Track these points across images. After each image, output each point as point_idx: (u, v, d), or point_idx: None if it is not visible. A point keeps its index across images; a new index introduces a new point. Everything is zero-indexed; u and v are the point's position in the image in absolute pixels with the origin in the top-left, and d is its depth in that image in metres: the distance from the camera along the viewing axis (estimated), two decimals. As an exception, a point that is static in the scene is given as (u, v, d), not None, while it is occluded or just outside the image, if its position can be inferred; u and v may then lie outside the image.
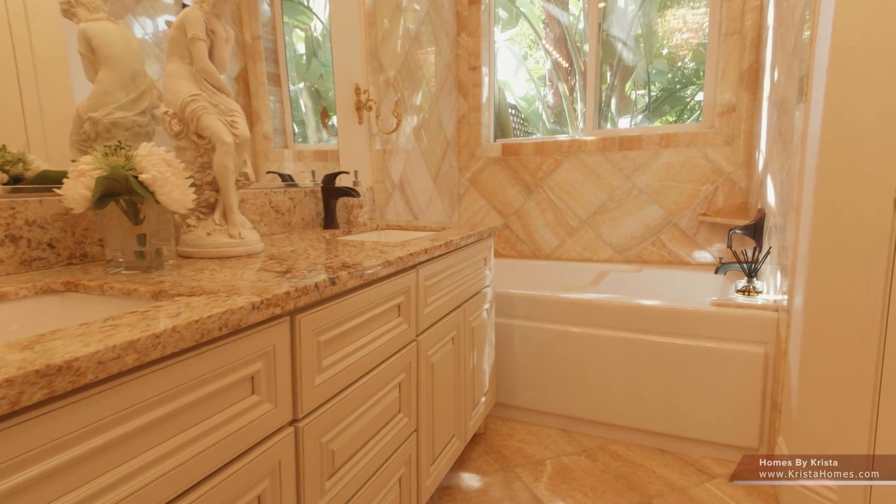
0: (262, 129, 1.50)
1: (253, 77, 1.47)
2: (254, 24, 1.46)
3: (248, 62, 1.44)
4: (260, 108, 1.50)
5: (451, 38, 2.70)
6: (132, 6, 1.14)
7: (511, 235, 2.84)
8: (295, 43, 1.69)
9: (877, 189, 1.14)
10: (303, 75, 1.70)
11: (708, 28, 2.39)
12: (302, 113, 1.70)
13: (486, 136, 2.88)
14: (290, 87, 1.63)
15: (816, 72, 1.29)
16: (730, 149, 2.30)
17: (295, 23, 1.67)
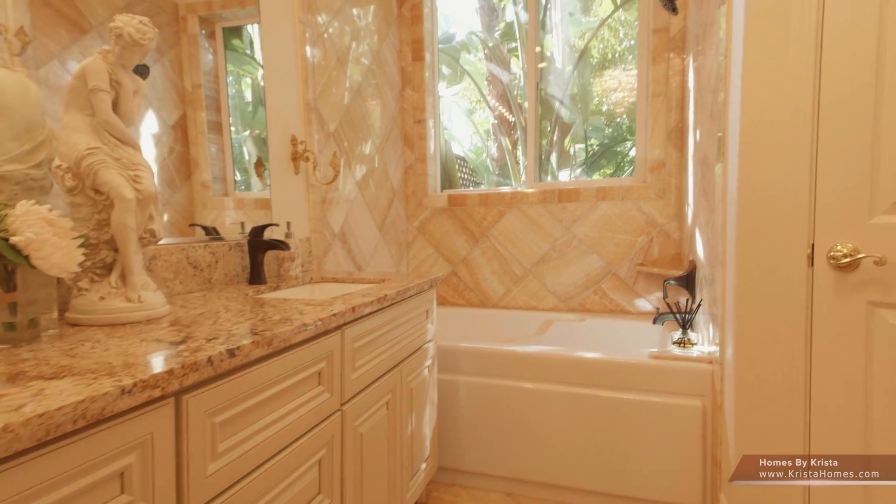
0: (200, 178, 1.48)
1: (192, 125, 1.45)
2: (195, 72, 1.46)
3: (187, 110, 1.43)
4: (199, 155, 1.47)
5: (396, 92, 2.74)
6: (59, 52, 1.08)
7: (459, 283, 2.81)
8: (243, 90, 1.67)
9: (791, 246, 1.19)
10: (249, 123, 1.68)
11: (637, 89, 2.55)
12: (245, 160, 1.67)
13: (433, 187, 2.89)
14: (232, 134, 1.61)
15: (731, 134, 1.37)
16: (662, 202, 2.40)
17: (241, 72, 1.66)
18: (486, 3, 3.35)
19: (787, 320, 1.21)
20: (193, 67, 1.45)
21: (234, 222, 1.59)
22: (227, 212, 1.59)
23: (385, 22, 2.58)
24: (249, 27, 1.66)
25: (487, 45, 3.44)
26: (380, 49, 2.52)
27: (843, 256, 1.09)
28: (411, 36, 2.75)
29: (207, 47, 1.53)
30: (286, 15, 1.77)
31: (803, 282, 1.18)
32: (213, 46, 1.56)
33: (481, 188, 3.22)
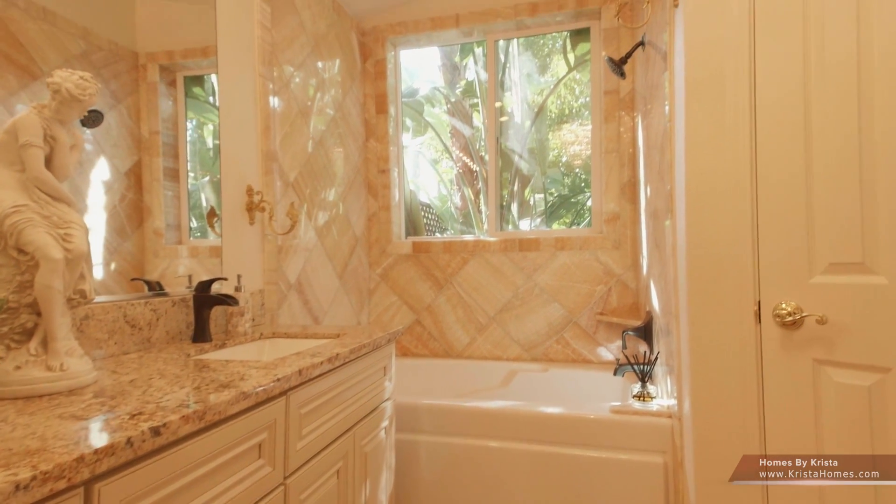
0: (153, 225, 1.43)
1: (147, 171, 1.43)
2: (153, 119, 1.45)
3: (143, 156, 1.41)
4: (153, 202, 1.44)
5: (360, 143, 2.77)
6: (5, 98, 1.03)
7: (423, 332, 2.76)
8: (205, 137, 1.65)
9: (739, 302, 1.22)
10: (209, 168, 1.65)
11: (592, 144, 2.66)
12: (203, 207, 1.63)
13: (397, 234, 2.88)
14: (191, 181, 1.58)
15: (677, 191, 1.43)
16: (618, 252, 2.46)
17: (202, 119, 1.65)
18: (449, 61, 3.49)
19: (740, 376, 1.22)
20: (152, 114, 1.45)
21: (180, 275, 1.52)
22: (181, 260, 1.54)
23: (349, 76, 2.63)
24: (213, 76, 1.66)
25: (450, 99, 3.55)
26: (343, 101, 2.56)
27: (788, 315, 1.12)
28: (375, 90, 2.81)
29: (167, 95, 1.52)
30: (246, 66, 1.78)
31: (752, 338, 1.20)
32: (174, 94, 1.56)
33: (445, 235, 3.24)
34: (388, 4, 2.70)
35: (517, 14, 2.58)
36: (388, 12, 2.76)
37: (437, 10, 2.69)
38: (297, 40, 2.12)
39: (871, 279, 1.03)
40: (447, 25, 2.69)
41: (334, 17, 2.46)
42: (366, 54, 2.81)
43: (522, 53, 3.11)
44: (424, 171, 4.09)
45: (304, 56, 2.16)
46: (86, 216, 1.23)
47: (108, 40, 1.31)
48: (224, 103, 1.67)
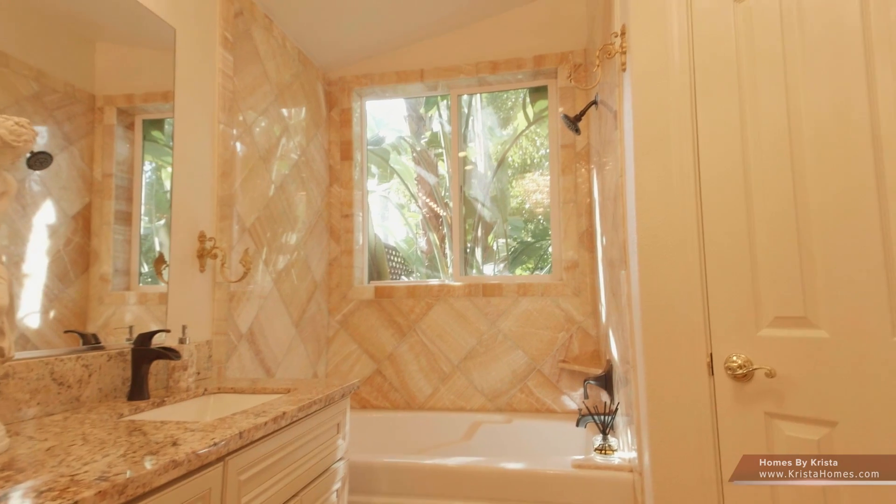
0: (99, 270, 1.36)
1: (97, 215, 1.37)
2: (107, 161, 1.42)
3: (94, 199, 1.36)
4: (101, 247, 1.38)
5: (323, 188, 2.76)
6: None
7: (384, 383, 2.67)
8: (162, 180, 1.61)
9: (692, 354, 1.24)
10: (165, 211, 1.60)
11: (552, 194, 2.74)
12: (156, 252, 1.56)
13: (359, 278, 2.83)
14: (144, 224, 1.53)
15: (630, 243, 1.47)
16: (578, 300, 2.49)
17: (160, 162, 1.61)
18: (414, 113, 3.59)
19: (697, 429, 1.22)
20: (106, 157, 1.42)
21: (123, 325, 1.43)
22: (128, 307, 1.46)
23: (314, 123, 2.65)
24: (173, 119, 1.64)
25: (416, 148, 3.62)
26: (308, 147, 2.56)
27: (738, 367, 1.14)
28: (340, 137, 2.84)
29: (125, 138, 1.49)
30: (205, 112, 1.76)
31: (706, 391, 1.21)
32: (132, 137, 1.53)
33: (409, 280, 3.21)
34: (355, 58, 2.78)
35: (479, 71, 2.69)
36: (354, 65, 2.83)
37: (403, 64, 2.78)
38: (261, 88, 2.13)
39: (813, 333, 1.07)
40: (412, 79, 2.77)
41: (300, 68, 2.50)
42: (331, 103, 2.85)
43: (485, 107, 3.23)
44: (391, 214, 4.10)
45: (267, 103, 2.17)
46: (24, 264, 1.15)
47: (65, 82, 1.29)
48: (179, 148, 1.64)
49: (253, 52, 2.07)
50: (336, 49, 2.66)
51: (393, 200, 4.02)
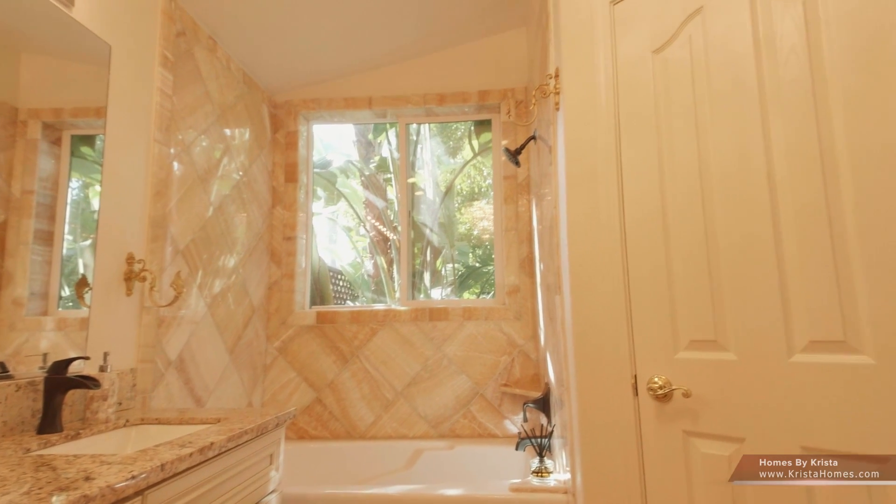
0: (12, 294, 1.27)
1: (14, 234, 1.28)
2: (28, 177, 1.33)
3: (10, 217, 1.27)
4: (16, 268, 1.28)
5: (266, 210, 2.70)
6: None
7: (324, 412, 2.59)
8: (91, 198, 1.52)
9: (619, 376, 1.31)
10: (93, 232, 1.50)
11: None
12: (79, 275, 1.46)
13: (301, 303, 2.77)
14: (67, 244, 1.44)
15: (564, 270, 1.55)
16: (520, 323, 2.56)
17: (88, 180, 1.53)
18: (363, 138, 3.62)
19: (623, 448, 1.28)
20: (27, 173, 1.34)
21: (38, 352, 1.32)
22: (44, 334, 1.36)
23: (257, 145, 2.61)
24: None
25: (364, 173, 3.64)
26: (250, 168, 2.52)
27: (659, 388, 1.22)
28: (285, 160, 2.81)
29: (50, 153, 1.41)
30: (140, 130, 1.71)
31: (632, 411, 1.28)
32: (58, 153, 1.45)
33: (354, 305, 3.17)
34: (302, 82, 2.78)
35: (426, 102, 2.78)
36: (301, 88, 2.83)
37: (352, 91, 2.82)
38: (202, 108, 2.09)
39: (722, 355, 1.16)
40: (360, 106, 2.81)
41: (244, 89, 2.48)
42: (277, 125, 2.83)
43: (434, 136, 3.32)
44: (338, 237, 4.06)
45: (208, 123, 2.13)
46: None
47: (-19, 93, 1.22)
48: (109, 166, 1.57)
49: (195, 71, 2.03)
50: (283, 73, 2.66)
51: (340, 223, 4.00)
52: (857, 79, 0.97)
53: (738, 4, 1.14)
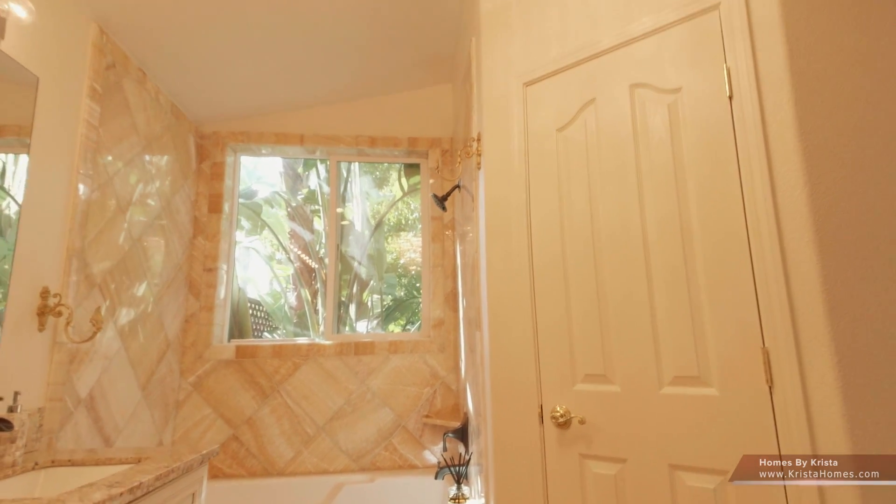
0: None
1: None
2: None
3: None
4: None
5: (186, 240, 2.65)
6: None
7: (240, 449, 2.53)
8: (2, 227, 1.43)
9: (528, 406, 1.49)
10: None
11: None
12: None
13: (219, 336, 2.71)
14: None
15: (483, 310, 1.72)
16: (443, 355, 2.70)
17: None
18: (291, 171, 3.65)
19: (530, 471, 1.45)
20: None
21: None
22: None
23: (181, 175, 2.58)
24: (8, 156, 1.48)
25: (291, 204, 3.66)
26: (172, 198, 2.48)
27: (561, 416, 1.41)
28: (209, 190, 2.78)
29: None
30: (62, 161, 1.67)
31: (538, 437, 1.46)
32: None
33: (276, 338, 3.14)
34: (232, 115, 2.80)
35: (358, 144, 2.91)
36: (231, 121, 2.85)
37: (283, 126, 2.88)
38: (128, 139, 2.06)
39: (610, 387, 1.38)
40: (292, 142, 2.87)
41: (171, 120, 2.46)
42: (203, 155, 2.81)
43: (363, 175, 3.44)
44: (257, 266, 3.98)
45: (133, 154, 2.09)
46: None
47: None
48: (30, 198, 1.52)
49: (123, 103, 2.01)
50: (212, 105, 2.67)
51: (261, 252, 3.93)
52: (706, 169, 1.26)
53: (622, 100, 1.42)
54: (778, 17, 1.13)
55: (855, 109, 1.10)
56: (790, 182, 1.10)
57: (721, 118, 1.23)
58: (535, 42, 1.62)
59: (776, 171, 1.12)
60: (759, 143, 1.14)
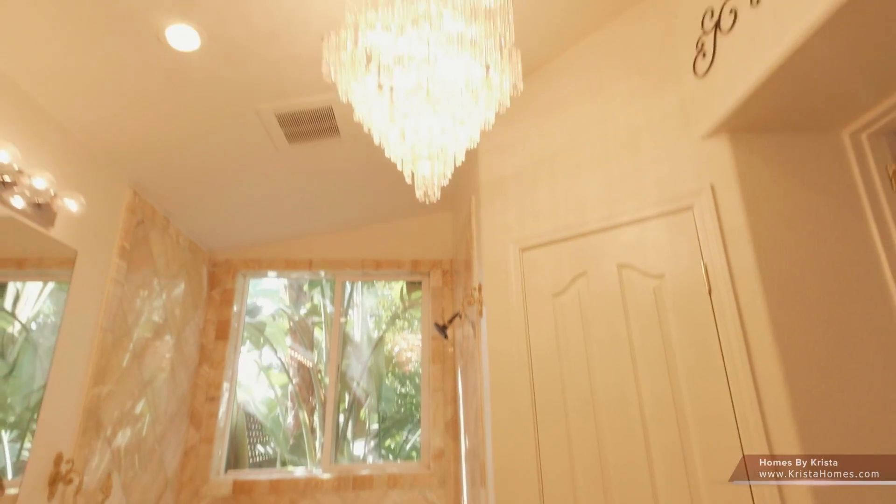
0: None
1: None
2: None
3: None
4: None
5: (192, 370, 2.68)
6: None
7: None
8: None
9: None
10: (16, 426, 1.43)
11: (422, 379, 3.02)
12: None
13: (217, 469, 2.65)
14: None
15: (489, 464, 1.75)
16: (443, 490, 2.65)
17: None
18: (296, 284, 3.79)
19: None
20: None
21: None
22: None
23: (193, 305, 2.67)
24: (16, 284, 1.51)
25: (293, 319, 3.74)
26: (183, 331, 2.55)
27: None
28: (218, 316, 2.87)
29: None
30: (88, 320, 1.75)
31: None
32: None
33: (273, 472, 3.06)
34: (243, 243, 2.97)
35: (364, 267, 3.06)
36: (242, 249, 3.00)
37: (292, 253, 3.03)
38: (148, 286, 2.17)
39: None
40: (300, 267, 3.01)
41: (188, 256, 2.60)
42: (214, 282, 2.92)
43: (366, 293, 3.57)
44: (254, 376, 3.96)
45: (151, 300, 2.20)
46: None
47: None
48: (58, 361, 1.59)
49: (147, 254, 2.15)
50: (226, 238, 2.83)
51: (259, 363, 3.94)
52: (693, 354, 1.36)
53: (611, 278, 1.56)
54: (745, 226, 1.30)
55: (819, 315, 1.23)
56: (770, 373, 1.20)
57: (703, 309, 1.35)
58: (529, 214, 1.80)
59: (756, 365, 1.23)
60: (739, 338, 1.26)
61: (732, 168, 1.35)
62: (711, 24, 1.35)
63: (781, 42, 1.10)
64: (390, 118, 1.15)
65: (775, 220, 1.30)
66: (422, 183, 1.24)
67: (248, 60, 1.51)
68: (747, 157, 1.35)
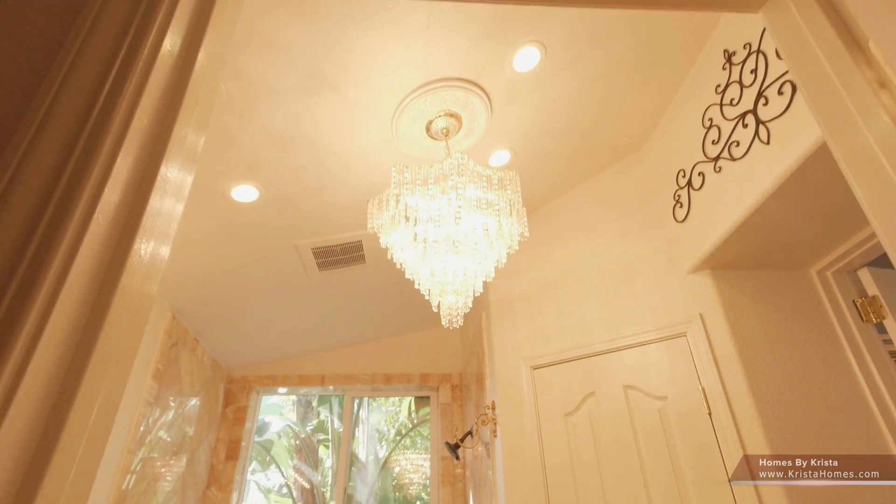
0: None
1: None
2: None
3: None
4: None
5: (200, 492, 2.63)
6: None
7: None
8: None
9: None
10: None
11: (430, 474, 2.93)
12: None
13: None
14: None
15: None
16: None
17: None
18: (304, 400, 3.80)
19: None
20: None
21: None
22: None
23: (207, 424, 2.70)
24: None
25: (300, 436, 3.69)
26: (196, 451, 2.55)
27: None
28: (230, 435, 2.87)
29: None
30: (119, 444, 1.82)
31: None
32: None
33: None
34: (260, 360, 3.07)
35: (374, 381, 3.13)
36: (257, 365, 3.10)
37: (305, 368, 3.12)
38: (172, 403, 2.25)
39: None
40: (313, 383, 3.08)
41: (209, 374, 2.69)
42: (229, 399, 2.97)
43: (374, 411, 3.58)
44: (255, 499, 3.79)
45: (173, 420, 2.26)
46: None
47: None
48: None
49: (176, 374, 2.26)
50: (244, 355, 2.94)
51: (261, 484, 3.80)
52: (702, 477, 1.44)
53: (619, 399, 1.68)
54: (735, 352, 1.45)
55: (812, 441, 1.34)
56: (774, 495, 1.27)
57: (706, 430, 1.46)
58: (538, 334, 1.96)
59: (761, 487, 1.30)
60: (741, 458, 1.35)
61: (717, 299, 1.54)
62: (685, 182, 1.63)
63: (743, 203, 1.35)
64: (423, 257, 1.36)
65: (761, 347, 1.46)
66: (447, 312, 1.42)
67: (295, 208, 1.78)
68: (729, 291, 1.55)
